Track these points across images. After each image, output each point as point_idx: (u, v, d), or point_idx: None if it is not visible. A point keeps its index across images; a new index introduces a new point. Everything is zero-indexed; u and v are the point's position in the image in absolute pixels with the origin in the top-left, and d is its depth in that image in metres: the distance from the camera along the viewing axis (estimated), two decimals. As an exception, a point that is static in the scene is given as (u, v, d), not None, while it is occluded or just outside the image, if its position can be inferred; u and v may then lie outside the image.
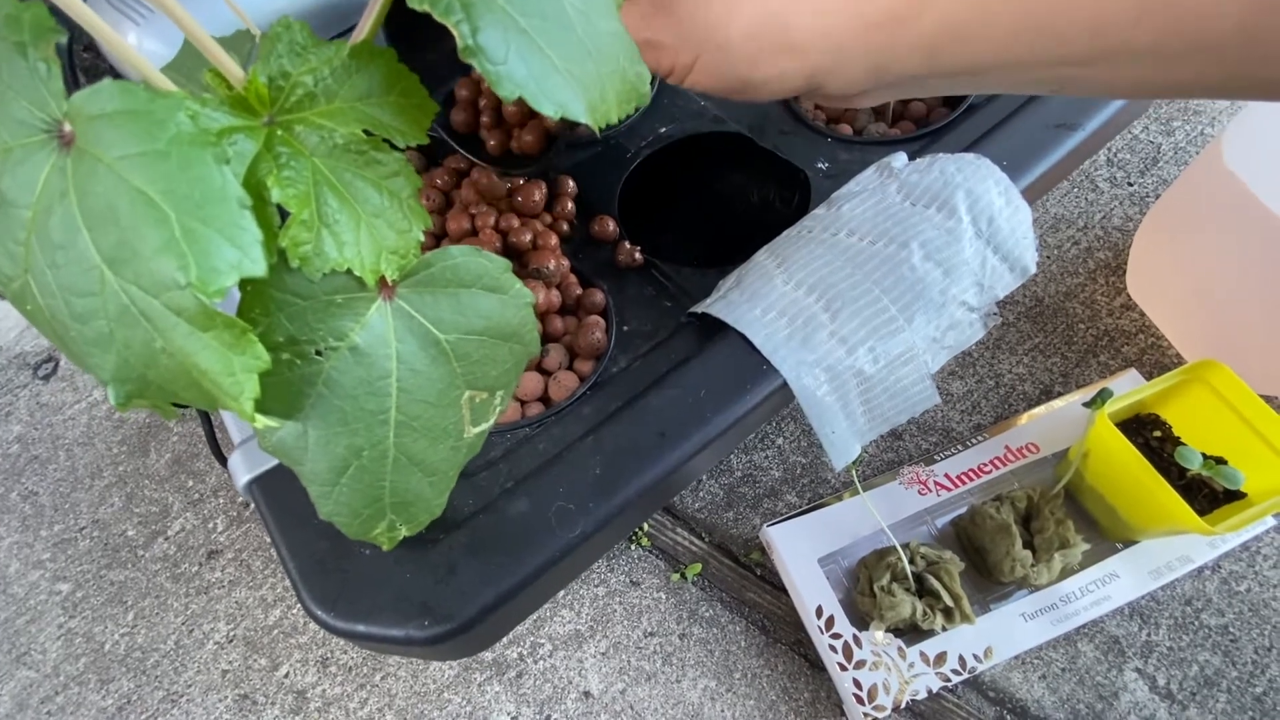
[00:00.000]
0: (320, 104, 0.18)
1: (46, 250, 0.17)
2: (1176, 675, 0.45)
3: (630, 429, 0.30)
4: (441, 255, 0.20)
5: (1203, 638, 0.46)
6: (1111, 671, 0.45)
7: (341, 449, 0.20)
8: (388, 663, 0.50)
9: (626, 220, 0.41)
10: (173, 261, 0.15)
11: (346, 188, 0.18)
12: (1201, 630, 0.45)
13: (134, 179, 0.16)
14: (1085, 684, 0.45)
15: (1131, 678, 0.45)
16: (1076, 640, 0.46)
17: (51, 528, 0.59)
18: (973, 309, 0.32)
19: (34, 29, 0.16)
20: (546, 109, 0.18)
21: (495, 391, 0.22)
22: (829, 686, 0.46)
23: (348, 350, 0.19)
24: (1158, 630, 0.46)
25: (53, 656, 0.54)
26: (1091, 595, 0.44)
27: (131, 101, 0.16)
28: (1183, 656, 0.45)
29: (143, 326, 0.17)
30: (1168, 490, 0.40)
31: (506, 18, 0.17)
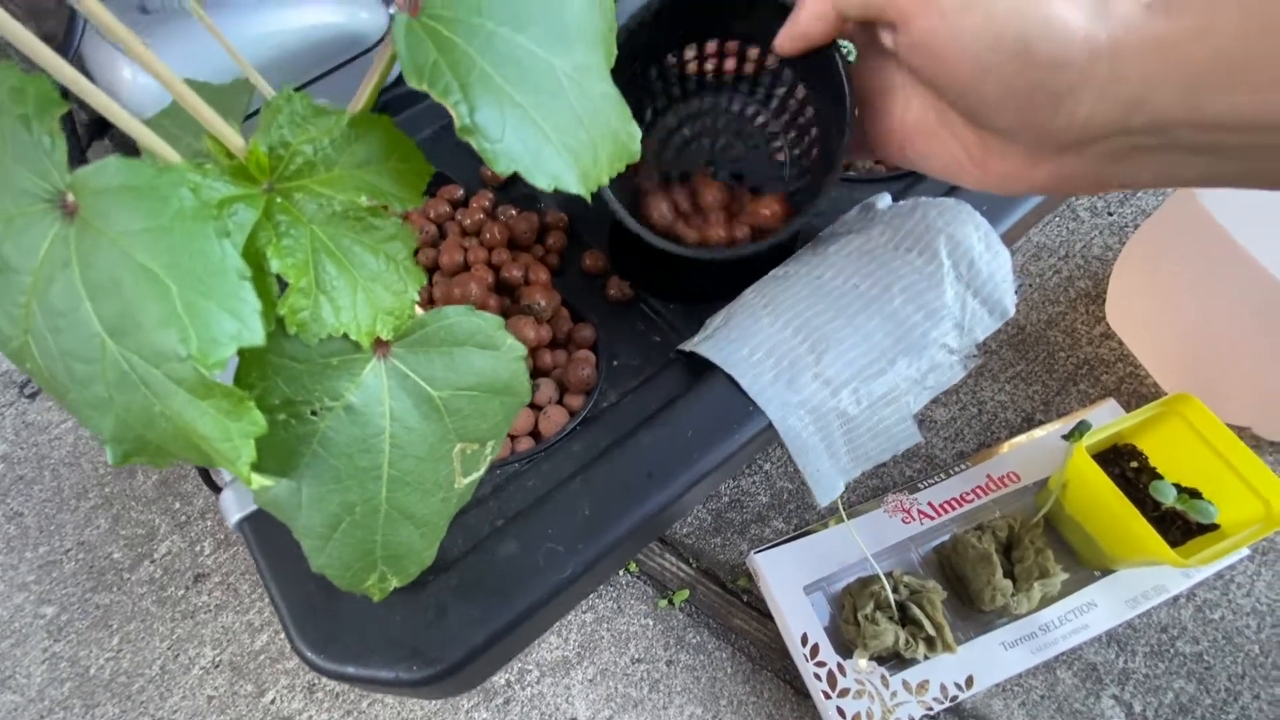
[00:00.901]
0: (320, 172, 0.19)
1: (48, 316, 0.17)
2: (1152, 702, 0.46)
3: (619, 468, 0.30)
4: (436, 316, 0.20)
5: (1178, 665, 0.46)
6: (1089, 699, 0.46)
7: (335, 505, 0.20)
8: (375, 689, 0.50)
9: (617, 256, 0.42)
10: (174, 334, 0.16)
11: (344, 254, 0.19)
12: (1177, 658, 0.46)
13: (137, 254, 0.16)
14: (1064, 711, 0.46)
15: (1109, 705, 0.46)
16: (1055, 668, 0.46)
17: (36, 549, 0.59)
18: (953, 351, 0.33)
19: (38, 102, 0.17)
20: (541, 183, 0.18)
21: (486, 442, 0.23)
22: (814, 715, 0.46)
23: (343, 410, 0.19)
24: (1134, 658, 0.47)
25: (37, 681, 0.53)
26: (1070, 624, 0.45)
27: (136, 178, 0.16)
28: (1158, 684, 0.46)
29: (142, 393, 0.17)
30: (1142, 523, 0.41)
31: (502, 94, 0.18)
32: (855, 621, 0.44)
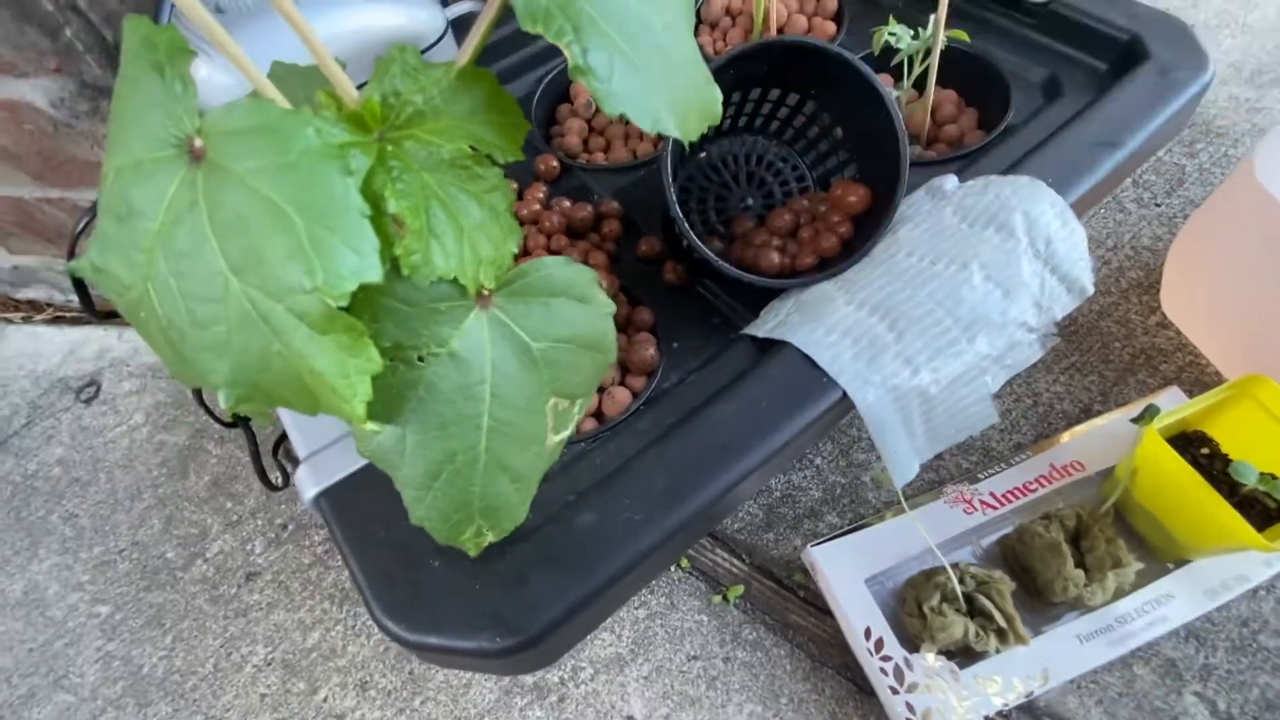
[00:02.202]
0: (428, 121, 0.19)
1: (171, 259, 0.18)
2: (1237, 699, 0.43)
3: (693, 441, 0.30)
4: (536, 265, 0.20)
5: (1261, 660, 0.44)
6: (1170, 696, 0.44)
7: (437, 453, 0.20)
8: (427, 687, 0.50)
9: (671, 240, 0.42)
10: (300, 267, 0.16)
11: (452, 200, 0.19)
12: (1260, 652, 0.44)
13: (264, 189, 0.16)
14: (1144, 709, 0.44)
15: (1191, 702, 0.43)
16: (1132, 664, 0.44)
17: (91, 549, 0.60)
18: (1032, 329, 0.32)
19: (169, 50, 0.17)
20: (645, 124, 0.18)
21: (575, 399, 0.23)
22: (879, 712, 0.45)
23: (448, 356, 0.20)
24: (1215, 653, 0.45)
25: (90, 680, 0.54)
26: (1147, 616, 0.43)
27: (263, 118, 0.17)
28: (1242, 679, 0.44)
29: (261, 331, 0.17)
30: (1225, 507, 0.39)
31: (610, 40, 0.18)
32: (920, 614, 0.42)
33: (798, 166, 0.43)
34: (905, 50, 0.43)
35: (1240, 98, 0.76)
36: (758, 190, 0.43)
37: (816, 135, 0.40)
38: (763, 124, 0.43)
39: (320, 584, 0.55)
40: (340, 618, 0.54)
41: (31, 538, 0.61)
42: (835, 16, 0.53)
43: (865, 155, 0.38)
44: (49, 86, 0.49)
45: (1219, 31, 0.83)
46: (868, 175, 0.38)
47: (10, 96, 0.50)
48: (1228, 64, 0.79)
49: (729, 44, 0.54)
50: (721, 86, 0.38)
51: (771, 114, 0.41)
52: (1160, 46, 0.41)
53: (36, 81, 0.48)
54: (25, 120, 0.52)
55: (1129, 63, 0.42)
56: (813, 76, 0.36)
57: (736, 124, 0.42)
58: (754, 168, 0.43)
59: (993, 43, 0.48)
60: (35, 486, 0.64)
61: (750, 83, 0.38)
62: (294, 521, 0.59)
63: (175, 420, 0.67)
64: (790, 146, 0.42)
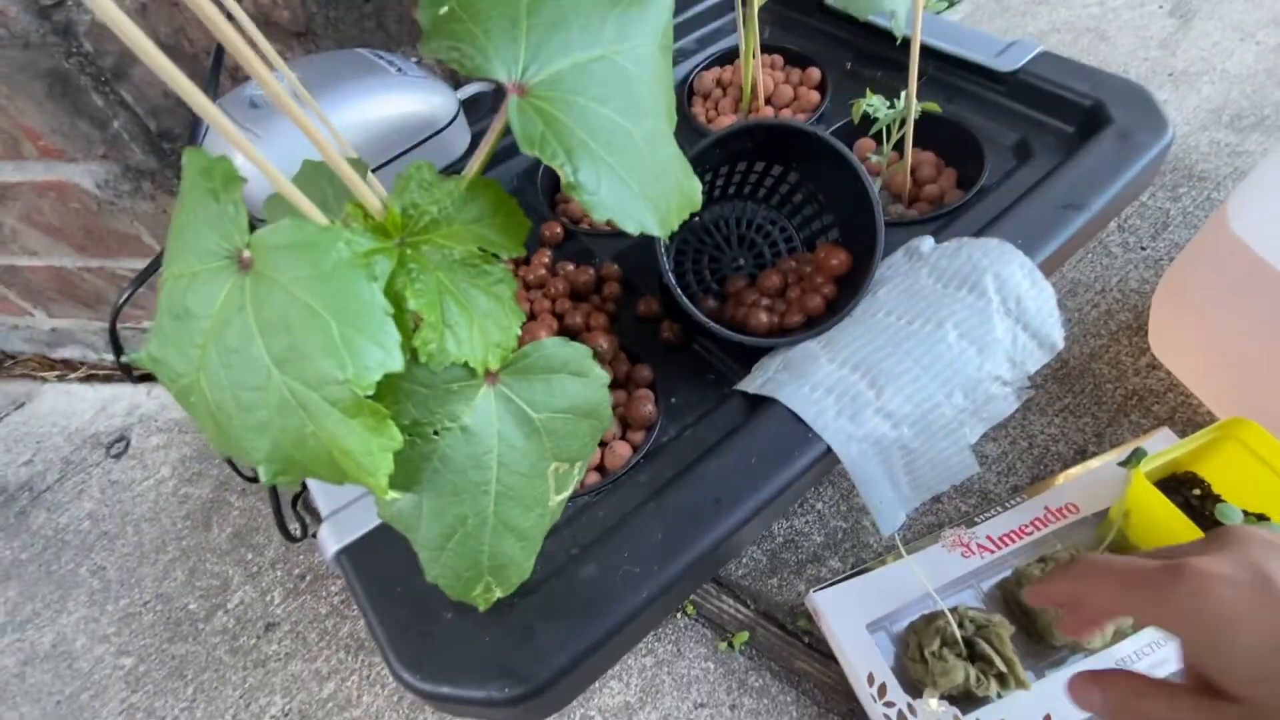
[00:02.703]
0: (442, 228, 0.22)
1: (222, 353, 0.20)
2: (1247, 745, 0.43)
3: (687, 495, 0.32)
4: (537, 347, 0.23)
5: (1270, 704, 0.44)
6: (1178, 740, 0.44)
7: (450, 517, 0.22)
8: (439, 737, 0.51)
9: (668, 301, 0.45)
10: (333, 361, 0.19)
11: (463, 294, 0.22)
12: (1267, 696, 0.44)
13: (303, 295, 0.19)
14: (1151, 754, 0.44)
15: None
16: (1137, 708, 0.45)
17: (118, 602, 0.62)
18: (1006, 383, 0.34)
19: (224, 179, 0.21)
20: (629, 227, 0.21)
21: (575, 463, 0.25)
22: (885, 759, 0.45)
23: (459, 430, 0.22)
24: (1221, 696, 0.45)
25: (114, 732, 0.55)
26: (1148, 658, 0.43)
27: (302, 235, 0.20)
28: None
29: (298, 415, 0.20)
30: (1212, 548, 0.40)
31: (596, 156, 0.21)
32: (922, 659, 0.43)
33: (785, 228, 0.46)
34: (883, 119, 0.46)
35: (1221, 142, 0.79)
36: (749, 251, 0.46)
37: (801, 201, 0.43)
38: (751, 190, 0.46)
39: (336, 634, 0.57)
40: (355, 667, 0.55)
41: (61, 590, 0.64)
42: (819, 86, 0.57)
43: (846, 219, 0.40)
44: (95, 170, 0.53)
45: (1199, 79, 0.86)
46: (849, 237, 0.41)
47: (60, 178, 0.55)
48: (1208, 110, 0.83)
49: (720, 113, 0.58)
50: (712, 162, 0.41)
51: (759, 182, 0.44)
52: (1121, 111, 0.44)
53: (85, 166, 0.53)
54: (72, 199, 0.57)
55: (1093, 127, 0.45)
56: (793, 151, 0.40)
57: (727, 191, 0.45)
58: (745, 231, 0.46)
59: (968, 108, 0.51)
60: (66, 540, 0.67)
61: (738, 157, 0.42)
62: (312, 572, 0.61)
63: (200, 474, 0.70)
64: (778, 210, 0.45)
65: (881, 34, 0.55)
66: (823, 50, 0.58)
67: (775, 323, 0.40)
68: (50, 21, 0.43)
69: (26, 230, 0.62)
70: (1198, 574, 0.23)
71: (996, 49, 0.51)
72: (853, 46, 0.58)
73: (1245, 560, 0.23)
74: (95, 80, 0.46)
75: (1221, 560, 0.23)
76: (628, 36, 0.25)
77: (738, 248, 0.46)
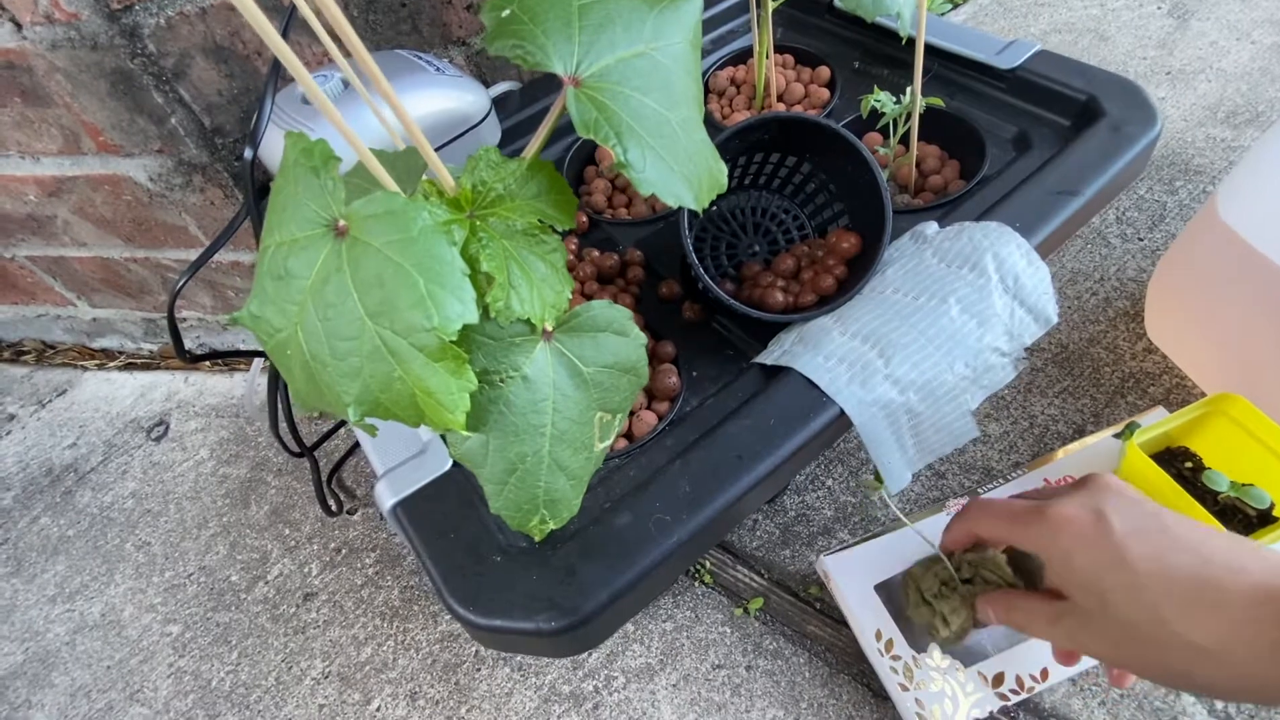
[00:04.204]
0: (506, 202, 0.25)
1: (320, 308, 0.24)
2: (1234, 700, 0.46)
3: (712, 453, 0.35)
4: (586, 308, 0.26)
5: (1257, 663, 0.47)
6: (1170, 696, 0.46)
7: (512, 454, 0.25)
8: (472, 695, 0.54)
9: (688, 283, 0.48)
10: (421, 313, 0.22)
11: (524, 260, 0.25)
12: (1254, 654, 0.47)
13: (394, 256, 0.22)
14: (1145, 709, 0.46)
15: (1190, 702, 0.46)
16: (1131, 666, 0.47)
17: (162, 574, 0.65)
18: (1004, 354, 0.37)
19: (322, 157, 0.24)
20: (671, 201, 0.24)
21: (616, 414, 0.28)
22: (893, 714, 0.48)
23: (520, 379, 0.25)
24: (1210, 655, 0.47)
25: (163, 694, 0.58)
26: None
27: (391, 205, 0.23)
28: (1239, 682, 0.47)
29: (388, 361, 0.23)
30: (1201, 512, 0.43)
31: (641, 140, 0.24)
32: (926, 602, 0.45)
33: (798, 217, 0.49)
34: (889, 114, 0.49)
35: (1216, 138, 0.82)
36: (763, 238, 0.49)
37: (813, 190, 0.46)
38: (766, 181, 0.49)
39: (372, 602, 0.60)
40: (391, 633, 0.58)
41: (108, 564, 0.67)
42: (829, 84, 0.60)
43: (856, 207, 0.43)
44: (149, 164, 0.57)
45: (1195, 76, 0.89)
46: (859, 223, 0.44)
47: (115, 172, 0.58)
48: (1204, 107, 0.85)
49: (734, 110, 0.61)
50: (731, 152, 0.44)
51: (774, 173, 0.48)
52: (1113, 105, 0.47)
53: (140, 160, 0.56)
54: (125, 192, 0.60)
55: (1087, 119, 0.48)
56: (808, 142, 0.43)
57: (744, 182, 0.49)
58: (760, 219, 0.49)
59: (970, 103, 0.54)
60: (111, 517, 0.71)
61: (755, 149, 0.45)
62: (347, 546, 0.64)
63: (237, 455, 0.73)
64: (791, 199, 0.48)
65: (888, 34, 0.58)
66: (832, 50, 0.61)
67: (790, 301, 0.43)
68: (118, 24, 0.47)
69: (79, 222, 0.65)
70: (1054, 516, 0.31)
71: (997, 48, 0.54)
72: (861, 46, 0.61)
73: (1089, 503, 0.30)
74: (156, 79, 0.50)
75: (1072, 503, 0.31)
76: (664, 35, 0.28)
77: (753, 235, 0.49)
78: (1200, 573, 0.26)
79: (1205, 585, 0.26)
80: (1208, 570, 0.26)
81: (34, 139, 0.56)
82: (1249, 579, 0.26)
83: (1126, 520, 0.29)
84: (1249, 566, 0.26)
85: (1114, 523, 0.29)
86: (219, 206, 0.60)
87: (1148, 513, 0.29)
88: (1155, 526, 0.28)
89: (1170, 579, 0.27)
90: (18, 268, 0.76)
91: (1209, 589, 0.26)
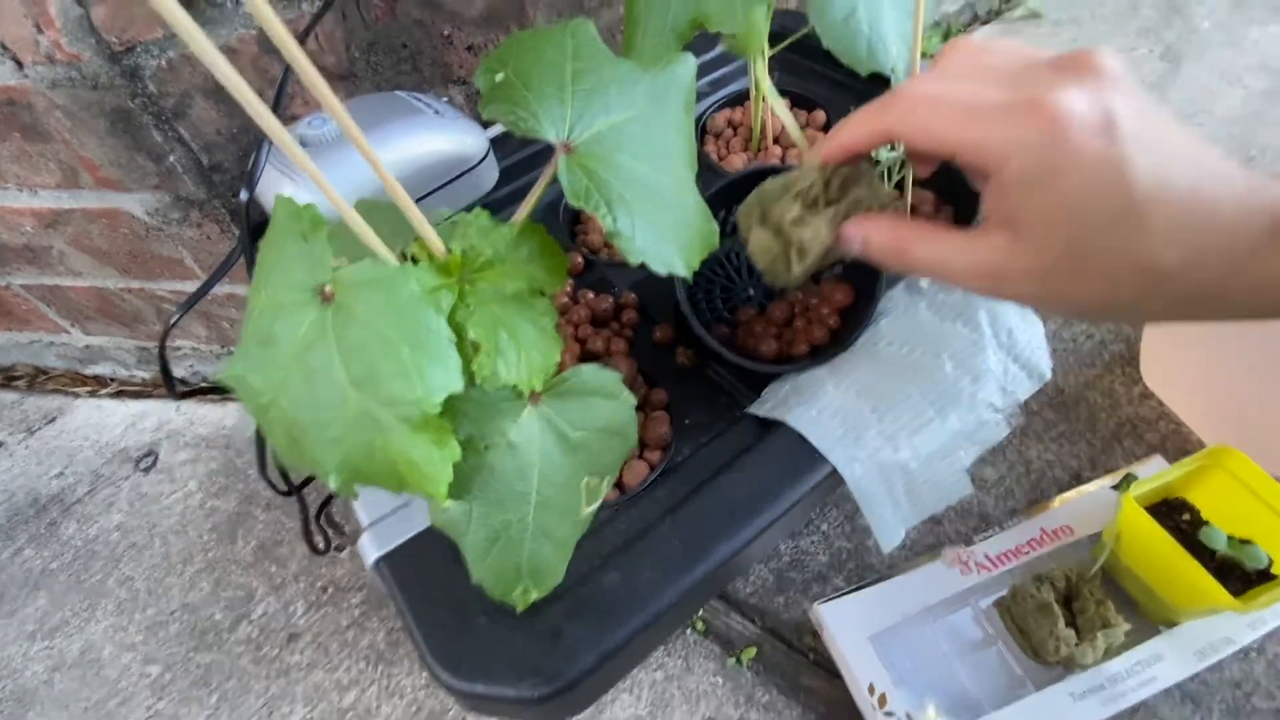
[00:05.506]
0: (496, 267, 0.25)
1: (303, 374, 0.23)
2: (1237, 762, 0.45)
3: (703, 509, 0.35)
4: (575, 372, 0.26)
5: (1258, 723, 0.46)
6: None
7: (496, 523, 0.25)
8: (456, 745, 0.52)
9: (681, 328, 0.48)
10: (405, 383, 0.22)
11: (513, 325, 0.25)
12: (1255, 714, 0.46)
13: (379, 325, 0.22)
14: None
15: None
16: (1131, 725, 0.46)
17: (144, 611, 0.64)
18: (998, 409, 0.37)
19: (311, 222, 0.24)
20: (659, 269, 0.24)
21: (604, 477, 0.28)
22: (888, 772, 0.46)
23: (506, 445, 0.25)
24: (1211, 714, 0.46)
25: (140, 738, 0.57)
26: (1138, 676, 0.45)
27: (379, 273, 0.23)
28: (1240, 743, 0.46)
29: (370, 431, 0.23)
30: (1198, 569, 0.42)
31: (631, 207, 0.24)
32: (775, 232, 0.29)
33: None
34: (884, 161, 0.49)
35: (1209, 181, 0.83)
36: (758, 282, 0.49)
37: None
38: None
39: (357, 645, 0.59)
40: (375, 678, 0.57)
41: (90, 600, 0.66)
42: (824, 128, 0.60)
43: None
44: (147, 199, 0.57)
45: (1188, 120, 0.90)
46: (852, 273, 0.44)
47: (113, 206, 0.58)
48: (1196, 150, 0.86)
49: (731, 152, 0.62)
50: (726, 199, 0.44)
51: None
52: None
53: (138, 195, 0.56)
54: (122, 225, 0.60)
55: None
56: None
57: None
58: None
59: (963, 151, 0.55)
60: (95, 551, 0.69)
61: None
62: (334, 585, 0.63)
63: (226, 487, 0.72)
64: None
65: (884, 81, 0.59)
66: (828, 94, 0.62)
67: (784, 350, 0.42)
68: (120, 65, 0.47)
69: (74, 253, 0.65)
70: (1055, 113, 0.22)
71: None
72: (856, 91, 0.61)
73: (1100, 100, 0.22)
74: (156, 119, 0.50)
75: (1080, 97, 0.22)
76: (656, 99, 0.28)
77: (748, 278, 0.49)
78: (1198, 190, 0.21)
79: (1199, 202, 0.21)
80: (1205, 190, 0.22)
81: (32, 173, 0.56)
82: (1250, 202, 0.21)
83: (1137, 123, 0.22)
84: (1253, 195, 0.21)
85: (1125, 126, 0.21)
86: (215, 241, 0.60)
87: (1155, 113, 0.22)
88: (1158, 132, 0.22)
89: (1168, 198, 0.21)
90: (12, 295, 0.76)
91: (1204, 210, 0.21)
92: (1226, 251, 0.22)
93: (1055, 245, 0.23)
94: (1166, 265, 0.22)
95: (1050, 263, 0.23)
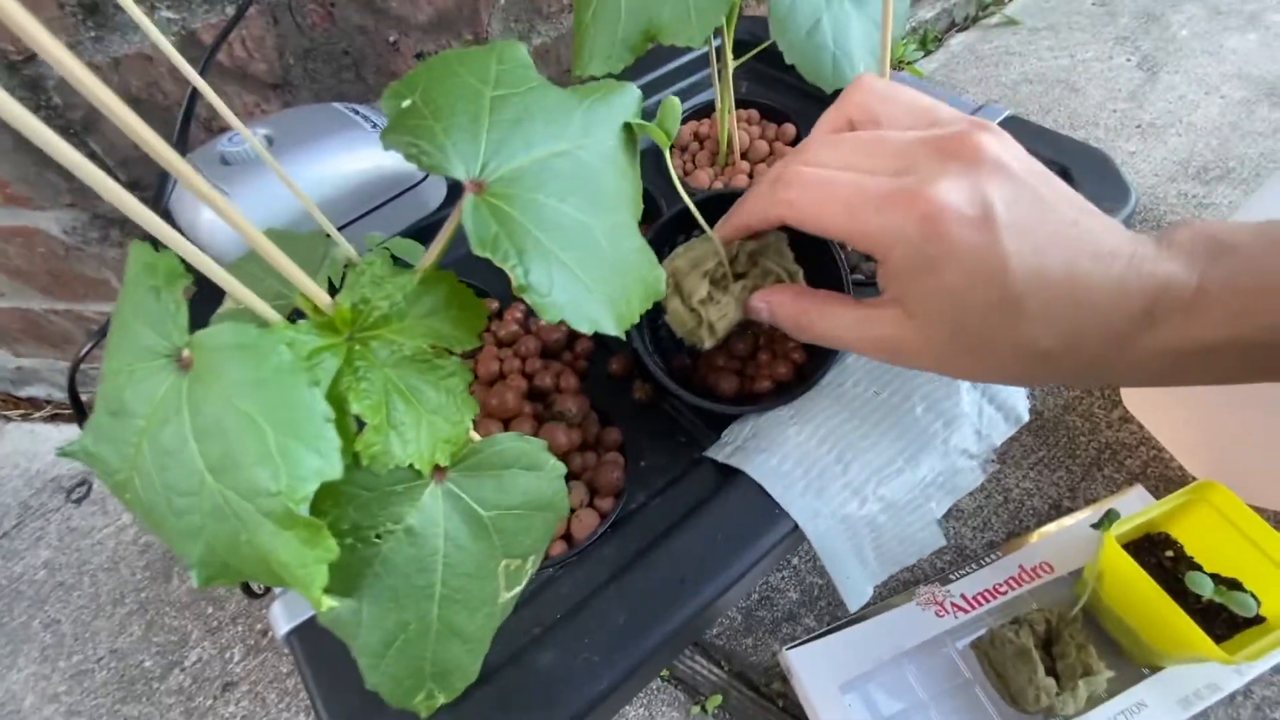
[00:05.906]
0: (393, 322, 0.21)
1: (156, 454, 0.20)
2: (1224, 816, 0.43)
3: (652, 575, 0.31)
4: (489, 443, 0.22)
5: (1246, 773, 0.44)
6: None
7: (391, 623, 0.21)
8: (401, 807, 0.49)
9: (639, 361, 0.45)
10: (267, 472, 0.18)
11: (411, 391, 0.21)
12: (1242, 765, 0.44)
13: (240, 402, 0.19)
14: None
15: None
16: (1114, 777, 0.44)
17: (70, 658, 0.59)
18: (973, 456, 0.34)
19: (167, 275, 0.20)
20: (583, 328, 0.21)
21: (528, 558, 0.24)
22: (859, 832, 0.44)
23: (403, 532, 0.21)
24: (1197, 765, 0.44)
25: (58, 801, 0.52)
26: (1123, 729, 0.43)
27: (244, 338, 0.19)
28: (1228, 795, 0.43)
29: (232, 523, 0.19)
30: (1182, 617, 0.40)
31: (550, 255, 0.21)
32: (690, 308, 0.33)
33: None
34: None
35: (1188, 194, 0.81)
36: None
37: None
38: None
39: (297, 695, 0.55)
40: (316, 731, 0.53)
41: (12, 645, 0.61)
42: (793, 142, 0.58)
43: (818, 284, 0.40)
44: (62, 217, 0.52)
45: (1165, 130, 0.89)
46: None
47: (26, 224, 0.54)
48: (1175, 162, 0.85)
49: (697, 166, 0.58)
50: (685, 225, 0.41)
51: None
52: (1085, 177, 0.45)
53: (52, 213, 0.52)
54: (39, 245, 0.56)
55: (1059, 193, 0.45)
56: None
57: None
58: None
59: (938, 168, 0.52)
60: (20, 590, 0.65)
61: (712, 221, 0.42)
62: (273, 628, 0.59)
63: (163, 520, 0.68)
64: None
65: (854, 93, 0.56)
66: (797, 106, 0.59)
67: (744, 387, 0.39)
68: (20, 75, 0.43)
69: (-9, 273, 0.61)
70: (930, 208, 0.23)
71: (966, 111, 0.52)
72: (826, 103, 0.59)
73: (977, 190, 0.23)
74: (64, 132, 0.46)
75: (957, 187, 0.23)
76: (593, 131, 0.25)
77: None
78: (1073, 277, 0.22)
79: (1075, 289, 0.22)
80: (1080, 276, 0.22)
81: (-64, 188, 0.52)
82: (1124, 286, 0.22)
83: (1014, 212, 0.22)
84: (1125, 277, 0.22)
85: (1001, 218, 0.22)
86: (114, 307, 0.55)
87: (1032, 198, 0.23)
88: (1034, 218, 0.23)
89: (1044, 285, 0.22)
90: (-68, 315, 0.71)
91: (1081, 296, 0.22)
92: (1103, 333, 0.23)
93: (941, 328, 0.24)
94: (1046, 348, 0.23)
95: (940, 342, 0.25)
